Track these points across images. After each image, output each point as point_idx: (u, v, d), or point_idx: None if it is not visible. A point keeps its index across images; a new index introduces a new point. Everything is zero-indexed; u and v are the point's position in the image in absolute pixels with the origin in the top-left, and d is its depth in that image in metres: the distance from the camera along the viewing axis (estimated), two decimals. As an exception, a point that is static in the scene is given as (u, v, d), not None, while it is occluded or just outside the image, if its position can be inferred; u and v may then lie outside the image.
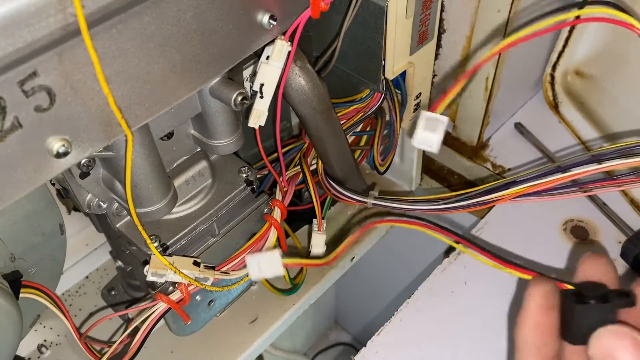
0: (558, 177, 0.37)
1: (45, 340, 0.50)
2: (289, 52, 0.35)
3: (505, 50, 0.30)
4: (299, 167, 0.48)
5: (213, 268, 0.39)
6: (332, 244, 0.57)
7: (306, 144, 0.49)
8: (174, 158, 0.40)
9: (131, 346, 0.37)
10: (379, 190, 0.60)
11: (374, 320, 0.92)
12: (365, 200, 0.47)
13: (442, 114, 0.31)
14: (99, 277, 0.55)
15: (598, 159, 0.36)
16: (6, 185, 0.25)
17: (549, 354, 0.29)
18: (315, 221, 0.47)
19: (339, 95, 0.47)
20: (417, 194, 0.61)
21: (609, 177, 0.39)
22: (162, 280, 0.36)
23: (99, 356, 0.41)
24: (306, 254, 0.50)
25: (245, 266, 0.42)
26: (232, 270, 0.40)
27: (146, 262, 0.37)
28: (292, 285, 0.50)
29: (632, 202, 0.53)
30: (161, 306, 0.37)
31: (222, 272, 0.39)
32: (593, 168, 0.36)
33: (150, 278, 0.36)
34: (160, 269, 0.36)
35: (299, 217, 0.54)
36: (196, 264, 0.38)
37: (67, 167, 0.27)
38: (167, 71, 0.29)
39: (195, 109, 0.36)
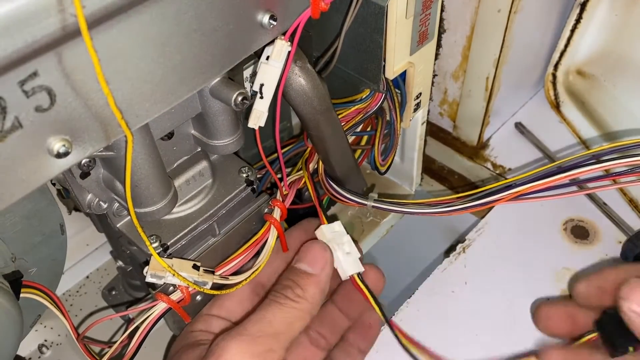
0: (557, 177, 0.37)
1: (45, 340, 0.51)
2: (289, 52, 0.35)
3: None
4: (301, 172, 0.48)
5: (212, 272, 0.39)
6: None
7: (308, 149, 0.49)
8: (174, 158, 0.40)
9: (130, 346, 0.37)
10: (379, 190, 0.60)
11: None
12: (365, 202, 0.47)
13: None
14: (99, 277, 0.55)
15: (597, 158, 0.36)
16: (7, 186, 0.25)
17: None
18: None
19: (340, 95, 0.47)
20: (417, 194, 0.61)
21: (608, 175, 0.39)
22: (161, 282, 0.36)
23: (97, 357, 0.41)
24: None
25: (243, 271, 0.42)
26: (231, 274, 0.40)
27: (146, 263, 0.37)
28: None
29: (630, 201, 0.53)
30: (161, 306, 0.37)
31: (221, 277, 0.39)
32: (592, 167, 0.36)
33: (149, 279, 0.36)
34: (159, 271, 0.36)
35: (299, 216, 0.54)
36: (195, 267, 0.38)
37: (67, 167, 0.27)
38: (167, 71, 0.29)
39: (196, 109, 0.36)
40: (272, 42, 0.35)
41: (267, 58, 0.35)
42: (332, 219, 0.44)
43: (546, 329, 0.40)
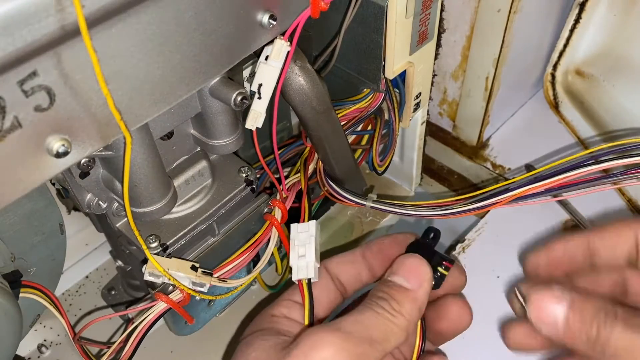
0: (554, 180, 0.37)
1: (45, 340, 0.51)
2: (288, 52, 0.35)
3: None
4: (300, 174, 0.47)
5: (210, 274, 0.39)
6: (332, 244, 0.57)
7: (307, 148, 0.49)
8: (173, 158, 0.40)
9: (127, 347, 0.37)
10: (379, 190, 0.61)
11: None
12: (364, 202, 0.47)
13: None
14: (99, 277, 0.55)
15: (596, 158, 0.36)
16: (6, 185, 0.25)
17: None
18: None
19: (339, 95, 0.47)
20: (416, 194, 0.61)
21: (606, 175, 0.39)
22: (160, 281, 0.36)
23: (95, 358, 0.41)
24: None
25: (241, 275, 0.41)
26: (229, 277, 0.40)
27: (146, 261, 0.37)
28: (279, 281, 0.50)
29: (629, 201, 0.53)
30: (161, 306, 0.37)
31: (220, 280, 0.39)
32: (591, 168, 0.36)
33: (147, 278, 0.36)
34: (157, 270, 0.36)
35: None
36: (194, 268, 0.38)
37: (66, 166, 0.27)
38: (166, 71, 0.29)
39: (195, 109, 0.36)
40: (271, 41, 0.35)
41: (266, 58, 0.35)
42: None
43: (518, 347, 0.39)
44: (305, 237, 0.39)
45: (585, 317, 0.31)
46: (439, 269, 0.36)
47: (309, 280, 0.37)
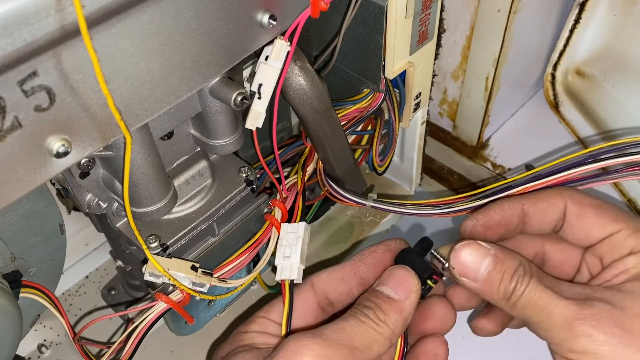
0: (556, 177, 0.37)
1: (45, 340, 0.51)
2: (288, 52, 0.35)
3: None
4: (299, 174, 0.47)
5: (210, 274, 0.39)
6: (332, 244, 0.57)
7: (307, 148, 0.49)
8: (173, 158, 0.40)
9: (127, 347, 0.37)
10: (379, 190, 0.61)
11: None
12: (365, 202, 0.47)
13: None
14: (99, 277, 0.55)
15: (595, 157, 0.36)
16: (6, 185, 0.25)
17: None
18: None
19: (339, 95, 0.47)
20: (416, 194, 0.61)
21: (605, 173, 0.39)
22: (160, 281, 0.36)
23: (95, 358, 0.41)
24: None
25: (241, 275, 0.41)
26: (229, 277, 0.40)
27: (145, 262, 0.37)
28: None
29: (629, 201, 0.53)
30: (161, 306, 0.37)
31: (220, 280, 0.39)
32: (589, 166, 0.36)
33: (147, 278, 0.36)
34: (157, 269, 0.36)
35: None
36: (194, 268, 0.38)
37: (67, 166, 0.27)
38: (166, 71, 0.29)
39: (195, 109, 0.36)
40: (271, 41, 0.35)
41: (266, 58, 0.35)
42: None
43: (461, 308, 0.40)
44: (293, 238, 0.39)
45: (505, 271, 0.33)
46: (428, 281, 0.36)
47: (292, 281, 0.37)
